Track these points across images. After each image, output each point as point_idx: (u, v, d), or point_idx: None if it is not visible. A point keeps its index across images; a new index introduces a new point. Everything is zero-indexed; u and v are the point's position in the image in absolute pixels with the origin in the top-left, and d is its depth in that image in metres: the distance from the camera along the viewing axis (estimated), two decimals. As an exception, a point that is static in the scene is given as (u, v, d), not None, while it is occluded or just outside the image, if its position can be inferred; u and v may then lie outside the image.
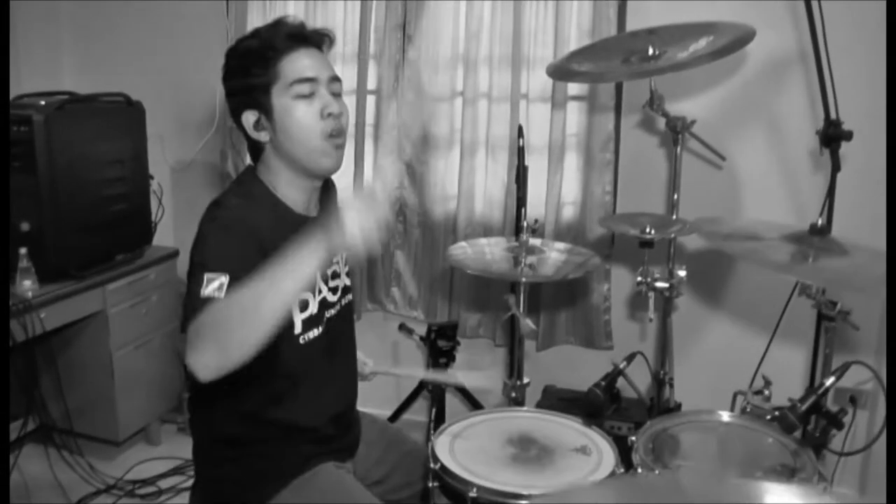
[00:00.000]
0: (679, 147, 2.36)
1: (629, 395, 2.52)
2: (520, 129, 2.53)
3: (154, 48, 3.32)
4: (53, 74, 3.39)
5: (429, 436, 2.68)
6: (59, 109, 2.63)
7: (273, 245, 1.43)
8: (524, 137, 2.51)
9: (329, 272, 1.70)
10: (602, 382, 1.88)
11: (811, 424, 1.81)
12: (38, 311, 2.52)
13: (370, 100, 2.98)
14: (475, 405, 2.83)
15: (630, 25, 2.66)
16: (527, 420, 1.88)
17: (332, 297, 1.72)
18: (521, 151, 2.50)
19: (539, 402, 2.73)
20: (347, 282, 1.79)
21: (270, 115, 1.56)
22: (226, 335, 1.27)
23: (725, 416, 1.84)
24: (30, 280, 2.55)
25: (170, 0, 3.25)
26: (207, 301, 1.35)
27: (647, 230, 2.10)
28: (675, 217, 2.37)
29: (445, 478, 1.63)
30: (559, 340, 2.96)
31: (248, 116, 1.57)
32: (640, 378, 2.52)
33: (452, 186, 2.96)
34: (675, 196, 2.38)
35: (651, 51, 2.16)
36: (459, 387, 1.79)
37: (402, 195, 3.02)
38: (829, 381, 1.66)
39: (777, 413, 1.71)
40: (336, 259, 1.74)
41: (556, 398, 2.75)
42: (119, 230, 2.93)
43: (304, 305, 1.62)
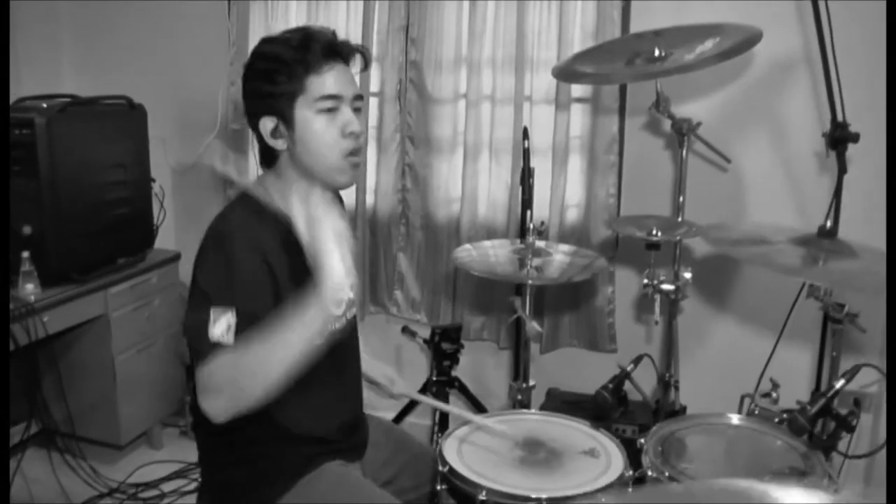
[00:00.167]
0: (685, 149, 2.36)
1: (634, 398, 2.52)
2: (525, 131, 2.52)
3: (156, 49, 3.31)
4: (54, 75, 3.38)
5: (432, 438, 2.68)
6: (61, 112, 2.62)
7: (279, 262, 1.48)
8: (529, 139, 2.51)
9: None
10: (609, 385, 1.87)
11: (817, 427, 1.80)
12: (41, 315, 2.51)
13: (373, 102, 2.97)
14: (480, 409, 2.82)
15: (634, 27, 2.65)
16: (534, 423, 1.88)
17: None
18: (527, 153, 2.50)
19: (543, 405, 2.72)
20: (351, 294, 1.78)
21: (291, 126, 1.55)
22: (237, 390, 1.33)
23: (735, 419, 1.84)
24: (32, 284, 2.54)
25: (171, 0, 3.24)
26: (216, 347, 1.36)
27: (654, 232, 2.09)
28: (681, 219, 2.36)
29: (454, 480, 1.62)
30: (563, 343, 2.95)
31: (267, 122, 1.55)
32: (645, 380, 2.52)
33: (456, 189, 2.95)
34: (681, 198, 2.37)
35: (657, 52, 2.15)
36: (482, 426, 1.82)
37: (406, 197, 3.01)
38: (839, 384, 1.66)
39: (786, 416, 1.71)
40: None
41: (561, 401, 2.74)
42: (121, 233, 2.92)
43: None
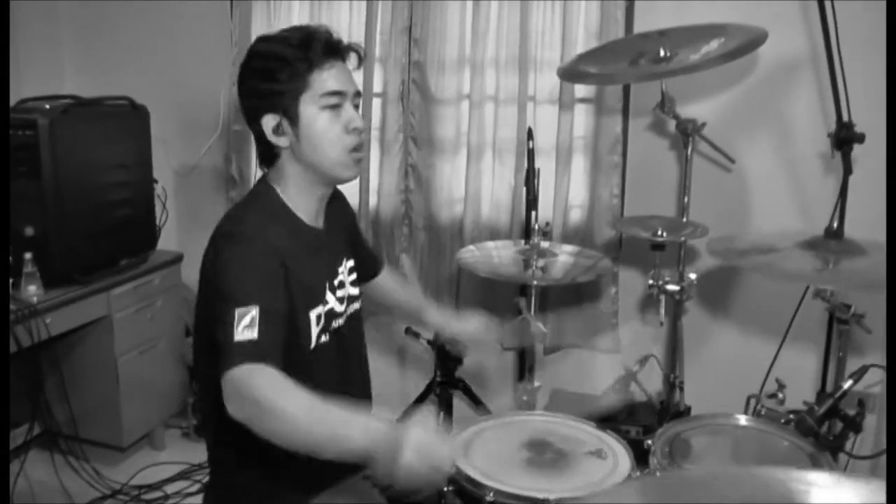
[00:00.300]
0: (689, 149, 2.36)
1: (638, 398, 2.52)
2: (529, 132, 2.51)
3: (157, 50, 3.30)
4: (54, 76, 3.38)
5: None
6: (64, 113, 2.61)
7: (291, 258, 1.49)
8: (534, 140, 2.50)
9: (336, 282, 1.69)
10: (617, 386, 1.87)
11: (823, 428, 1.80)
12: (44, 317, 2.50)
13: (376, 103, 2.96)
14: (483, 410, 2.81)
15: (637, 27, 2.65)
16: (540, 423, 1.87)
17: (339, 307, 1.71)
18: (531, 154, 2.48)
19: (547, 406, 2.72)
20: (353, 291, 1.78)
21: (296, 123, 1.55)
22: (257, 419, 1.32)
23: (742, 420, 1.83)
24: (35, 285, 2.53)
25: (172, 0, 3.24)
26: (243, 346, 1.35)
27: (660, 233, 2.09)
28: (686, 220, 2.36)
29: (461, 481, 1.61)
30: (566, 344, 2.94)
31: (269, 120, 1.55)
32: (649, 381, 2.52)
33: (459, 190, 2.94)
34: (686, 199, 2.37)
35: (662, 53, 2.15)
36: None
37: (409, 198, 3.01)
38: (847, 384, 1.65)
39: (793, 416, 1.71)
40: (341, 269, 1.73)
41: (565, 401, 2.74)
42: (123, 235, 2.91)
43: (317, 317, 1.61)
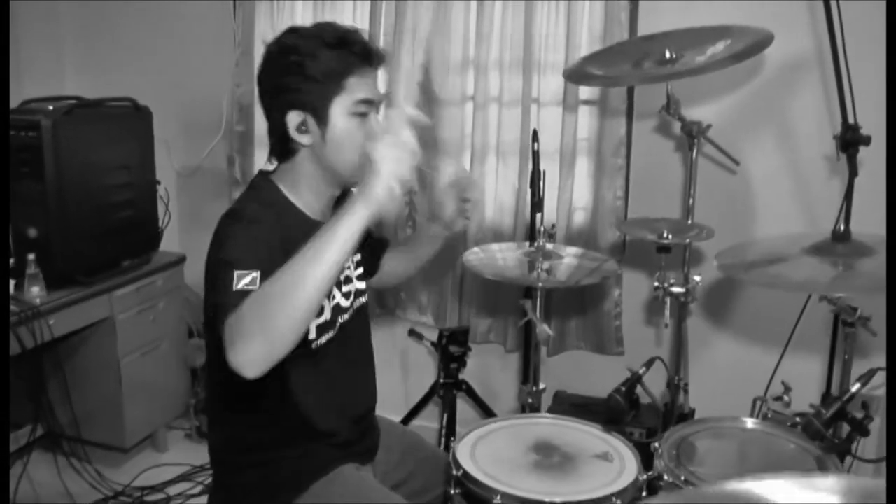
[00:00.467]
0: (694, 151, 2.35)
1: (642, 401, 2.51)
2: (534, 134, 2.51)
3: (159, 50, 3.30)
4: (55, 76, 3.37)
5: (440, 441, 2.67)
6: (67, 114, 2.60)
7: (293, 247, 1.43)
8: (538, 142, 2.50)
9: (342, 277, 1.69)
10: (622, 388, 1.86)
11: (829, 430, 1.79)
12: (47, 318, 2.49)
13: (379, 104, 2.96)
14: (487, 412, 2.82)
15: (641, 29, 2.64)
16: (546, 426, 1.87)
17: (345, 303, 1.71)
18: (536, 156, 2.48)
19: (551, 408, 2.72)
20: (360, 286, 1.78)
21: (324, 124, 1.54)
22: (270, 322, 1.23)
23: (749, 423, 1.83)
24: (37, 286, 2.53)
25: (174, 0, 3.23)
26: (243, 294, 1.31)
27: (665, 235, 2.08)
28: (691, 222, 2.36)
29: (468, 484, 1.61)
30: (570, 346, 2.94)
31: (294, 117, 1.54)
32: (654, 383, 2.51)
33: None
34: (691, 201, 2.37)
35: (667, 55, 2.14)
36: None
37: (412, 200, 3.00)
38: (855, 388, 1.65)
39: (800, 419, 1.70)
40: (348, 264, 1.73)
41: (569, 404, 2.73)
42: (126, 236, 2.91)
43: (319, 311, 1.60)
